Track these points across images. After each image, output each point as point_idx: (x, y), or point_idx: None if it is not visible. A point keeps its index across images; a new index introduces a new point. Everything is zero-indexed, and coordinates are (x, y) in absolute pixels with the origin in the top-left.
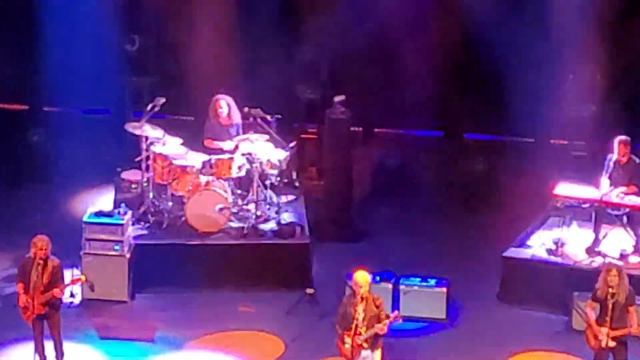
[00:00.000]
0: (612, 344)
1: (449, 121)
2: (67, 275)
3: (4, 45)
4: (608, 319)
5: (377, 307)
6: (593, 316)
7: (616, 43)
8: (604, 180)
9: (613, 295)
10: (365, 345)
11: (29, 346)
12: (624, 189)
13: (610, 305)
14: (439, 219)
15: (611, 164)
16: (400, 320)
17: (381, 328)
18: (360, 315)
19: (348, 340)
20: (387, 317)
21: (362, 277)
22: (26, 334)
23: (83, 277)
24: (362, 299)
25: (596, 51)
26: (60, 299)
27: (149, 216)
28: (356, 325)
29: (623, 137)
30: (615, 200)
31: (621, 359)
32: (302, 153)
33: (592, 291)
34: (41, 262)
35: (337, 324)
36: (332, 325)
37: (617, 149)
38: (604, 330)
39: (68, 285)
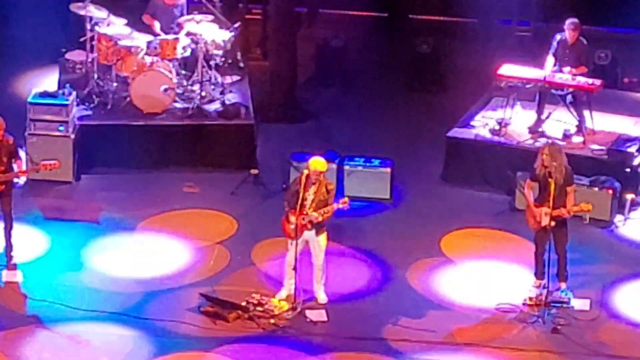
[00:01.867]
0: (552, 223)
1: (394, 1)
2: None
3: None
4: (549, 198)
5: (328, 192)
6: (532, 196)
7: None
8: (550, 59)
9: (550, 174)
10: (309, 226)
11: None
12: (570, 69)
13: (550, 185)
14: (384, 100)
15: (557, 43)
16: (348, 207)
17: (327, 211)
18: (309, 197)
19: (292, 219)
20: (338, 202)
21: (318, 161)
22: None
23: (57, 163)
24: (314, 182)
25: None
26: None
27: (94, 97)
28: (303, 206)
29: (574, 20)
30: (560, 80)
31: (561, 239)
32: (247, 34)
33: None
34: None
35: (286, 200)
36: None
37: (567, 31)
38: (544, 210)
39: (39, 168)
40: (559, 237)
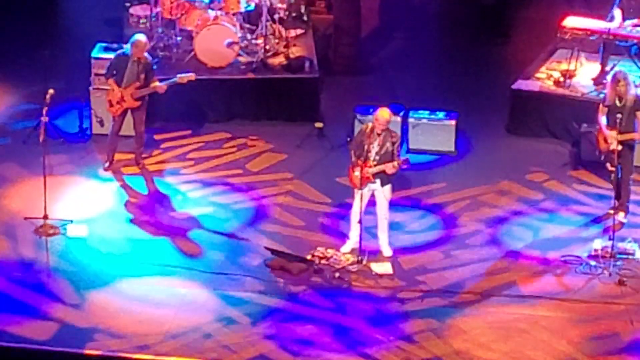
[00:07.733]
0: (619, 147)
1: None
2: None
3: None
4: (617, 123)
5: (393, 143)
6: (604, 120)
7: None
8: (617, 12)
9: (621, 100)
10: (372, 178)
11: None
12: (636, 20)
13: (618, 111)
14: (449, 52)
15: None
16: (408, 165)
17: (390, 168)
18: (374, 148)
19: (358, 170)
20: (398, 160)
21: (382, 113)
22: (34, 169)
23: (193, 76)
24: (378, 134)
25: None
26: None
27: (158, 51)
28: (367, 158)
29: None
30: (624, 31)
31: (626, 162)
32: None
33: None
34: (137, 60)
35: (352, 150)
36: (345, 156)
37: None
38: (613, 133)
39: (177, 81)
40: (623, 163)
